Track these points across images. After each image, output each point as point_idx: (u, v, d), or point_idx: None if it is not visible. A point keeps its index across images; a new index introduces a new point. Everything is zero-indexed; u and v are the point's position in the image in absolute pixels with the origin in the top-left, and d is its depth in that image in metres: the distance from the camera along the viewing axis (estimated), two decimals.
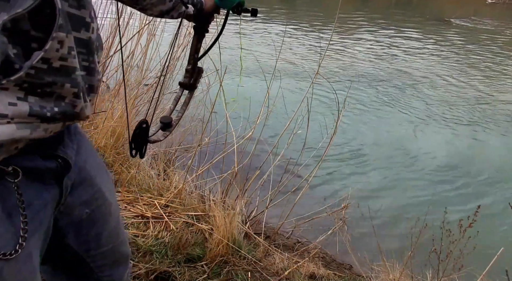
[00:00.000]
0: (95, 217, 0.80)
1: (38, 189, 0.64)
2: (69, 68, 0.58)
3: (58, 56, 0.55)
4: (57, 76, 0.57)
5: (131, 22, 2.88)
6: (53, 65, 0.55)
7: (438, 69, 7.74)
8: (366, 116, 5.34)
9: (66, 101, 0.60)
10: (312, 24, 11.75)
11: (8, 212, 0.59)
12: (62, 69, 0.57)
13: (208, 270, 1.89)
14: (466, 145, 4.75)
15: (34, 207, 0.63)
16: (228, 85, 3.41)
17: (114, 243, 0.88)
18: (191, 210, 2.29)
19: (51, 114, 0.58)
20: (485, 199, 3.56)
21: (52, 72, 0.56)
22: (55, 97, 0.58)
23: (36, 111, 0.55)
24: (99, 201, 0.80)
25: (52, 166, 0.65)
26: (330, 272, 2.22)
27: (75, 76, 0.60)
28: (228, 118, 2.72)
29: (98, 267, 0.86)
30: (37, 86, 0.55)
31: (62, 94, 0.59)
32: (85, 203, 0.77)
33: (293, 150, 2.85)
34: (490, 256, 1.94)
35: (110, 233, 0.86)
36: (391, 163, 4.19)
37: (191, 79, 1.09)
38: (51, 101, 0.58)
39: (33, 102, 0.55)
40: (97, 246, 0.83)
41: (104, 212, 0.83)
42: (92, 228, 0.81)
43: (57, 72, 0.56)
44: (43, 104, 0.56)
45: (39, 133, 0.58)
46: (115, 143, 2.67)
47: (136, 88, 3.02)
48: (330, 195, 3.40)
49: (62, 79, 0.58)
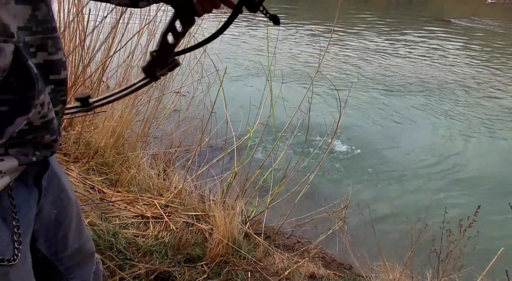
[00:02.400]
0: (61, 217, 0.79)
1: (24, 192, 0.64)
2: (48, 121, 0.59)
3: (39, 116, 0.56)
4: (38, 132, 0.58)
5: (131, 22, 2.88)
6: (34, 124, 0.56)
7: (438, 69, 7.74)
8: (366, 116, 5.34)
9: (44, 145, 0.61)
10: (312, 24, 11.74)
11: (2, 216, 0.59)
12: (42, 125, 0.58)
13: (208, 270, 1.89)
14: (466, 145, 4.75)
15: (23, 210, 0.63)
16: (228, 86, 3.41)
17: (79, 242, 0.86)
18: (191, 210, 2.29)
19: (36, 158, 0.60)
20: (485, 199, 3.56)
21: (33, 130, 0.57)
22: (34, 144, 0.60)
23: (23, 160, 0.58)
24: (64, 200, 0.79)
25: (34, 167, 0.66)
26: (330, 272, 2.22)
27: (53, 126, 0.61)
28: (228, 119, 2.72)
29: (67, 269, 0.84)
30: (18, 144, 0.57)
31: (42, 142, 0.61)
32: (53, 202, 0.76)
33: (293, 149, 2.85)
34: (490, 256, 1.94)
35: (75, 232, 0.84)
36: (391, 163, 4.19)
37: (154, 66, 0.88)
38: (30, 147, 0.59)
39: (14, 153, 0.57)
40: (64, 248, 0.82)
41: (68, 210, 0.81)
42: (59, 229, 0.79)
43: (38, 129, 0.57)
44: (25, 152, 0.58)
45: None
46: (115, 142, 2.67)
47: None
48: (330, 195, 3.40)
49: (42, 134, 0.59)
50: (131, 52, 2.99)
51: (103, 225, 1.81)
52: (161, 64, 0.88)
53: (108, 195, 2.20)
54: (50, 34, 0.58)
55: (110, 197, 2.18)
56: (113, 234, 1.81)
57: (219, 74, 2.62)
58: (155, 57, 0.87)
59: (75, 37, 2.61)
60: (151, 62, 0.87)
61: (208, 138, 2.85)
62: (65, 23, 2.60)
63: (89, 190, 2.16)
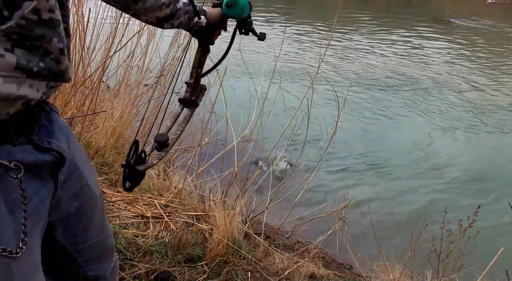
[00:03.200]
0: (82, 211, 0.80)
1: (37, 184, 0.64)
2: (56, 21, 0.57)
3: (47, 7, 0.54)
4: (46, 29, 0.55)
5: (131, 22, 2.88)
6: (42, 17, 0.54)
7: (438, 69, 7.74)
8: (366, 116, 5.34)
9: (52, 57, 0.59)
10: (311, 24, 11.74)
11: (10, 208, 0.58)
12: (50, 21, 0.56)
13: (208, 270, 1.89)
14: (466, 145, 4.75)
15: (34, 202, 0.63)
16: (228, 86, 3.41)
17: (99, 236, 0.88)
18: (191, 210, 2.29)
19: (38, 69, 0.56)
20: (485, 199, 3.56)
21: (41, 25, 0.54)
22: (42, 52, 0.57)
23: (23, 64, 0.53)
24: (87, 195, 0.80)
25: (48, 160, 0.65)
26: (330, 272, 2.22)
27: (60, 30, 0.58)
28: (228, 118, 2.72)
29: (85, 261, 0.86)
30: (26, 38, 0.53)
31: (49, 49, 0.58)
32: (73, 196, 0.77)
33: (293, 149, 2.85)
34: (490, 256, 1.94)
35: (96, 226, 0.86)
36: (390, 163, 4.19)
37: (193, 95, 1.00)
38: (37, 56, 0.56)
39: (20, 55, 0.53)
40: (84, 240, 0.83)
41: (91, 205, 0.82)
42: (80, 221, 0.81)
43: (45, 24, 0.55)
44: (29, 58, 0.55)
45: (26, 90, 0.56)
46: (115, 142, 2.67)
47: (136, 88, 3.02)
48: (330, 195, 3.40)
49: (50, 33, 0.56)
50: (131, 52, 2.99)
51: None
52: (197, 92, 1.03)
53: (108, 195, 2.20)
54: None
55: (110, 197, 2.18)
56: (113, 234, 1.81)
57: (219, 74, 2.62)
58: (193, 87, 1.01)
59: (75, 37, 2.61)
60: (191, 93, 1.01)
61: (208, 138, 2.85)
62: None
63: None
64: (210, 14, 0.99)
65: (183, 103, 1.01)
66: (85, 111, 2.64)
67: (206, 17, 0.97)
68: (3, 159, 0.57)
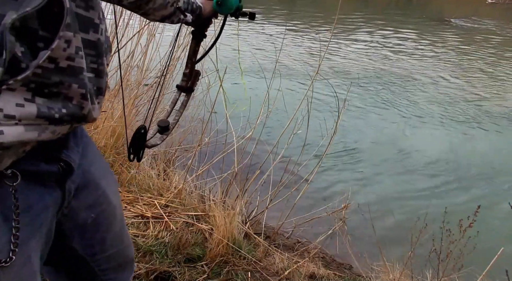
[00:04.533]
0: (100, 221, 0.79)
1: (39, 192, 0.63)
2: (76, 68, 0.57)
3: (65, 56, 0.54)
4: (64, 76, 0.56)
5: (131, 22, 2.88)
6: (60, 65, 0.54)
7: (438, 69, 7.74)
8: (366, 116, 5.34)
9: (74, 103, 0.59)
10: (311, 24, 11.74)
11: (5, 216, 0.58)
12: (69, 69, 0.56)
13: (208, 270, 1.89)
14: (467, 145, 4.75)
15: (34, 210, 0.62)
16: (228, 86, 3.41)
17: (118, 246, 0.87)
18: (191, 210, 2.29)
19: (59, 115, 0.57)
20: (485, 199, 3.56)
21: (59, 72, 0.55)
22: (62, 98, 0.57)
23: (44, 112, 0.54)
24: (104, 205, 0.80)
25: (53, 170, 0.65)
26: (330, 272, 2.22)
27: (83, 76, 0.59)
28: (228, 118, 2.72)
29: (102, 270, 0.85)
30: (44, 86, 0.54)
31: (69, 95, 0.58)
32: (90, 206, 0.76)
33: (293, 149, 2.85)
34: (490, 256, 1.94)
35: (115, 236, 0.85)
36: (391, 163, 4.19)
37: (189, 82, 1.09)
38: (58, 102, 0.57)
39: (40, 103, 0.54)
40: (102, 250, 0.83)
41: (108, 215, 0.82)
42: (97, 232, 0.80)
43: (64, 72, 0.55)
44: (50, 105, 0.55)
45: (47, 136, 0.57)
46: (115, 142, 2.67)
47: (136, 88, 3.02)
48: (330, 195, 3.40)
49: (69, 80, 0.57)
50: (131, 52, 2.99)
51: None
52: (192, 78, 1.09)
53: None
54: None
55: None
56: None
57: (219, 74, 2.62)
58: (188, 75, 1.08)
59: None
60: (187, 81, 1.08)
61: (208, 138, 2.85)
62: None
63: None
64: (204, 9, 1.03)
65: (180, 89, 1.09)
66: None
67: (201, 12, 1.02)
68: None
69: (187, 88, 1.09)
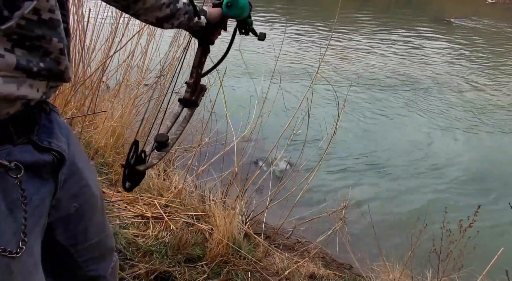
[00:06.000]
0: (82, 211, 0.80)
1: (37, 184, 0.64)
2: (55, 21, 0.57)
3: (47, 7, 0.54)
4: (46, 30, 0.55)
5: (131, 22, 2.88)
6: (42, 17, 0.54)
7: (437, 69, 7.74)
8: (366, 116, 5.34)
9: (52, 57, 0.59)
10: (312, 24, 11.74)
11: (10, 208, 0.59)
12: (49, 21, 0.56)
13: (208, 270, 1.89)
14: (465, 145, 4.75)
15: (34, 202, 0.63)
16: (228, 86, 3.41)
17: (100, 236, 0.88)
18: (191, 210, 2.29)
19: (37, 69, 0.56)
20: (485, 199, 3.56)
21: (41, 25, 0.54)
22: (42, 52, 0.57)
23: (23, 64, 0.54)
24: (87, 195, 0.80)
25: (49, 160, 0.65)
26: (330, 272, 2.22)
27: (60, 30, 0.58)
28: (228, 118, 2.72)
29: (85, 261, 0.86)
30: (27, 38, 0.53)
31: (49, 49, 0.58)
32: (73, 196, 0.77)
33: (293, 149, 2.85)
34: (490, 256, 1.94)
35: (97, 226, 0.86)
36: (390, 163, 4.19)
37: (193, 95, 1.01)
38: (37, 56, 0.56)
39: (20, 55, 0.53)
40: (84, 240, 0.83)
41: (91, 205, 0.82)
42: (80, 222, 0.80)
43: (45, 24, 0.55)
44: (29, 58, 0.55)
45: (26, 90, 0.56)
46: (115, 142, 2.67)
47: (136, 88, 3.02)
48: (330, 195, 3.40)
49: (50, 33, 0.56)
50: (131, 52, 2.99)
51: None
52: (197, 92, 1.03)
53: (108, 195, 2.20)
54: None
55: (110, 197, 2.18)
56: (113, 234, 1.81)
57: (219, 74, 2.62)
58: (193, 88, 1.01)
59: (75, 37, 2.61)
60: (191, 93, 1.01)
61: (208, 138, 2.85)
62: None
63: None
64: (210, 14, 0.98)
65: (183, 103, 1.02)
66: (85, 111, 2.64)
67: (206, 17, 0.97)
68: (3, 159, 0.57)
69: (191, 102, 1.01)
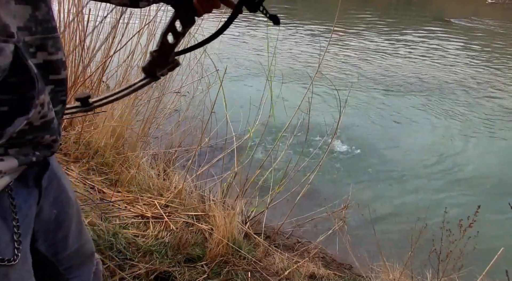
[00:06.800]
0: (61, 218, 0.79)
1: (24, 193, 0.64)
2: (48, 121, 0.59)
3: (39, 116, 0.56)
4: (38, 132, 0.58)
5: (131, 22, 2.88)
6: (34, 125, 0.56)
7: (438, 69, 7.74)
8: (366, 116, 5.34)
9: (44, 145, 0.61)
10: (312, 24, 11.74)
11: (2, 216, 0.59)
12: (42, 126, 0.57)
13: (208, 270, 1.89)
14: (466, 145, 4.75)
15: (23, 211, 0.63)
16: (228, 86, 3.41)
17: (79, 242, 0.86)
18: (191, 210, 2.29)
19: (36, 158, 0.60)
20: (485, 199, 3.56)
21: (33, 130, 0.56)
22: (34, 145, 0.59)
23: (23, 160, 0.57)
24: (64, 200, 0.79)
25: (34, 168, 0.65)
26: (330, 272, 2.22)
27: (53, 125, 0.60)
28: (228, 119, 2.72)
29: (66, 269, 0.85)
30: (18, 144, 0.56)
31: (42, 143, 0.60)
32: (53, 203, 0.76)
33: (293, 149, 2.85)
34: (490, 256, 1.94)
35: (75, 233, 0.85)
36: (391, 163, 4.19)
37: (153, 66, 0.87)
38: (30, 148, 0.59)
39: (13, 154, 0.56)
40: (64, 249, 0.82)
41: (68, 210, 0.81)
42: (59, 229, 0.79)
43: (38, 129, 0.57)
44: (25, 152, 0.58)
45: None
46: (115, 142, 2.67)
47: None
48: (330, 195, 3.40)
49: (43, 133, 0.59)
50: (131, 52, 2.99)
51: (103, 225, 1.81)
52: (161, 64, 0.88)
53: (108, 195, 2.20)
54: (50, 34, 0.57)
55: (110, 197, 2.18)
56: (113, 234, 1.81)
57: (219, 74, 2.62)
58: (155, 57, 0.87)
59: (75, 37, 2.61)
60: (151, 62, 0.87)
61: (208, 138, 2.85)
62: (65, 23, 2.60)
63: (89, 190, 2.16)
64: None
65: (142, 71, 0.89)
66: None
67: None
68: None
69: (149, 72, 0.88)
